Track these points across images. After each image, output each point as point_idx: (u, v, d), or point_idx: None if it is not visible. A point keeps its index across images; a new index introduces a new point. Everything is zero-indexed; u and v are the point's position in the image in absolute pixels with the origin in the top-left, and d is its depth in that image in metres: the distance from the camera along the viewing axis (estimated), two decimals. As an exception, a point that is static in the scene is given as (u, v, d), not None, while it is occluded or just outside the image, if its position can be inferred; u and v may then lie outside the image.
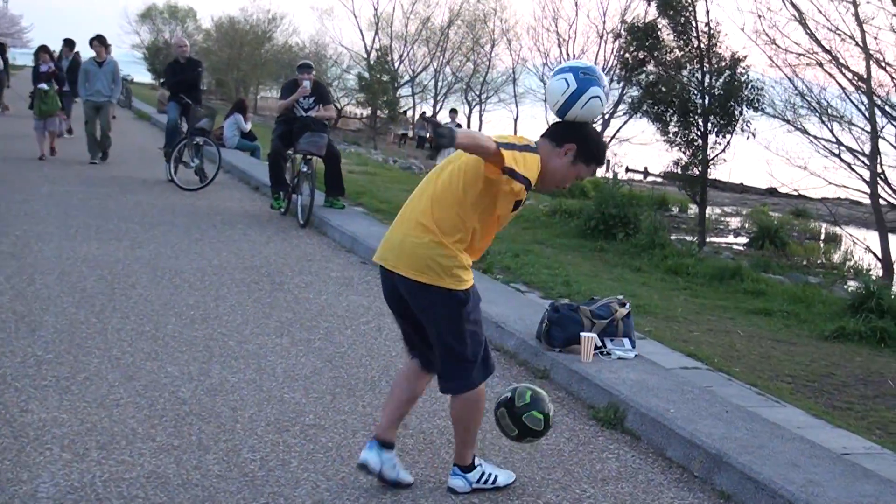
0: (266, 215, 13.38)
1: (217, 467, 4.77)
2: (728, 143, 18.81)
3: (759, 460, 4.83)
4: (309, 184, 12.63)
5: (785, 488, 4.44)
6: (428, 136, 6.62)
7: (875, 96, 18.93)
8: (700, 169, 19.04)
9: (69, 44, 24.25)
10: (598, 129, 23.18)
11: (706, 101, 18.64)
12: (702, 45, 18.78)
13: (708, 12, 19.20)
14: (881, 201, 19.11)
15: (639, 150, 43.85)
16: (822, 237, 27.60)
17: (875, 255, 19.58)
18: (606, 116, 49.31)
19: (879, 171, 18.57)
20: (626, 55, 19.88)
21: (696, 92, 18.83)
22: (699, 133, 18.83)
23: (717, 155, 18.98)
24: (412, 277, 4.37)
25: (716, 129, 18.81)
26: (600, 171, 30.16)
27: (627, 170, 51.22)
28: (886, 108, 18.82)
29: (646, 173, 46.08)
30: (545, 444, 5.40)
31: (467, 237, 4.38)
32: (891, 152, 18.85)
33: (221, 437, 5.17)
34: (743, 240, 24.44)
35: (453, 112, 27.16)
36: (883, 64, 19.01)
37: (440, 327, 4.44)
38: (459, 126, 5.01)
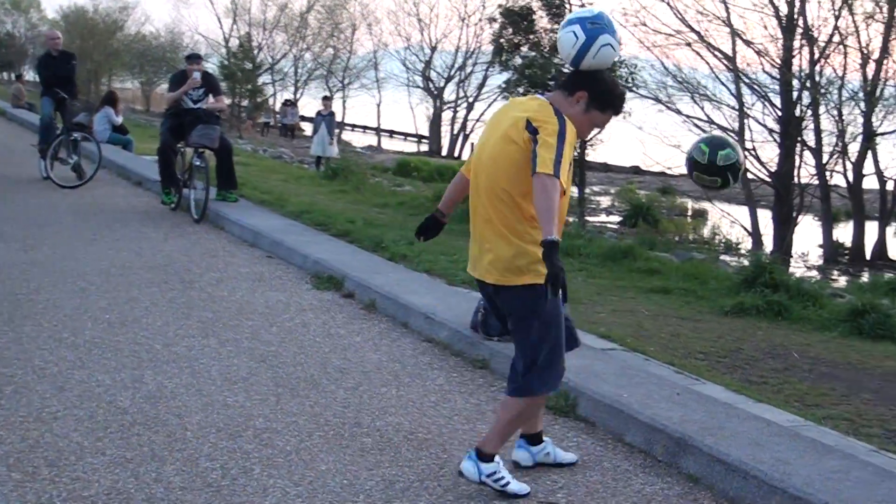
0: (157, 211, 13.03)
1: (178, 479, 4.62)
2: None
3: (723, 441, 4.90)
4: (203, 178, 12.34)
5: (757, 468, 4.51)
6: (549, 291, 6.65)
7: (742, 74, 19.55)
8: (577, 150, 19.31)
9: None
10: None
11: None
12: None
13: (581, -7, 19.50)
14: (750, 176, 19.77)
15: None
16: (690, 213, 28.40)
17: (745, 228, 20.23)
18: (471, 100, 49.87)
19: (750, 147, 19.21)
20: (501, 39, 19.98)
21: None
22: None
23: (594, 136, 19.27)
24: None
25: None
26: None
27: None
28: (754, 86, 19.46)
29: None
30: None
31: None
32: (758, 128, 19.50)
33: (174, 446, 5.01)
34: (616, 218, 24.97)
35: (326, 99, 26.83)
36: (748, 41, 19.65)
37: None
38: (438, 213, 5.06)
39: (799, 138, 19.19)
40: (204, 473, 4.68)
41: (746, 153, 19.08)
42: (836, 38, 19.40)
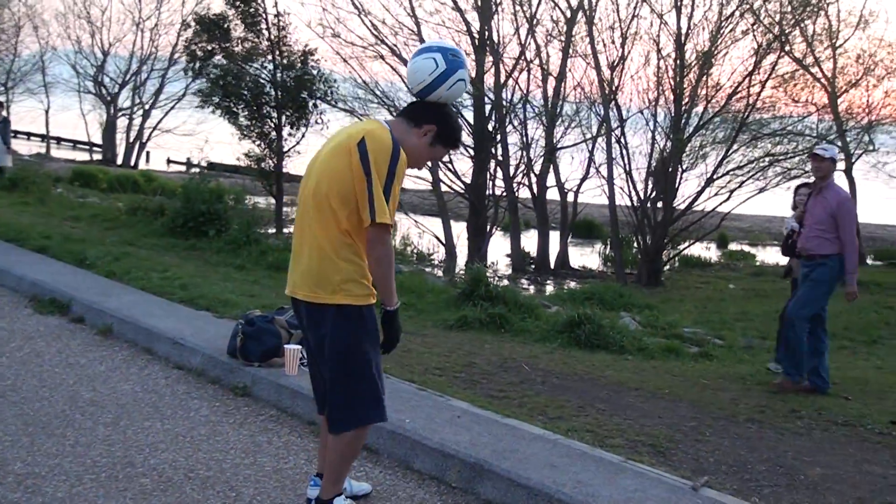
0: None
1: (-58, 538, 4.15)
2: (303, 135, 19.12)
3: (519, 465, 4.93)
4: None
5: (561, 492, 4.58)
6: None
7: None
8: (276, 161, 19.19)
9: None
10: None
11: (279, 94, 18.80)
12: (272, 38, 18.91)
13: (276, 4, 19.38)
14: (444, 188, 20.36)
15: (182, 140, 43.34)
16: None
17: (438, 238, 20.76)
18: (147, 107, 48.33)
19: (448, 160, 19.74)
20: (194, 47, 19.53)
21: (268, 84, 18.94)
22: (273, 125, 18.96)
23: (291, 147, 19.22)
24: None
25: (290, 122, 19.05)
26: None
27: (169, 161, 50.35)
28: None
29: (188, 164, 45.54)
30: (290, 469, 5.21)
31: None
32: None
33: (-74, 500, 4.49)
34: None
35: (-1, 104, 25.07)
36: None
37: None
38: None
39: (492, 152, 19.94)
40: (-29, 530, 4.23)
41: (441, 165, 19.64)
42: (523, 56, 20.32)
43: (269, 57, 18.95)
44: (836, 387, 8.46)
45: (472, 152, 19.95)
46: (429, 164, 4.25)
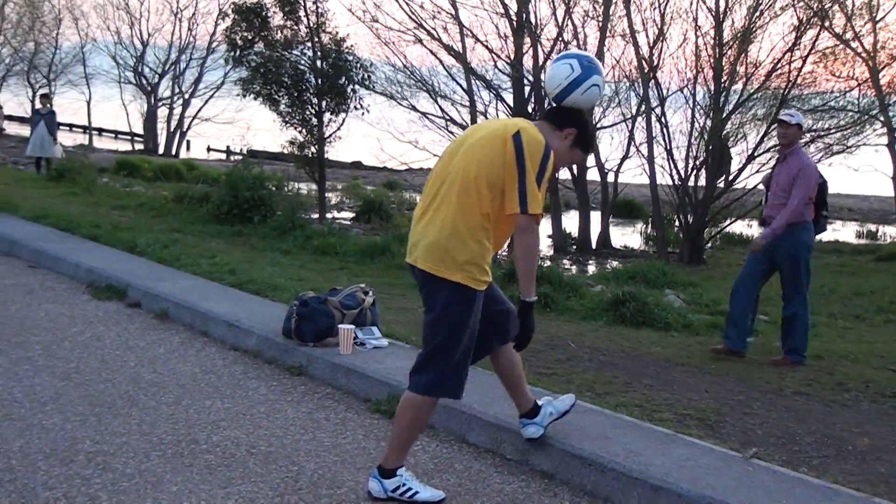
0: None
1: (20, 512, 4.32)
2: (343, 121, 19.23)
3: (573, 436, 5.06)
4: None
5: (613, 461, 4.70)
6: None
7: (473, 71, 20.12)
8: (317, 148, 19.31)
9: None
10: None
11: (318, 81, 18.90)
12: (311, 25, 19.00)
13: (315, -9, 19.45)
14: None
15: (222, 129, 43.66)
16: (420, 207, 28.90)
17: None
18: (186, 96, 48.70)
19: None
20: (234, 35, 19.65)
21: (308, 71, 19.04)
22: (314, 112, 19.07)
23: (332, 133, 19.33)
24: None
25: (330, 109, 19.15)
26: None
27: (209, 149, 50.73)
28: (486, 82, 20.04)
29: (228, 152, 45.82)
30: (348, 445, 5.36)
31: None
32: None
33: (2, 477, 4.67)
34: (347, 214, 25.04)
35: (45, 97, 25.39)
36: (478, 38, 20.26)
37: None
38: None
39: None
40: (47, 504, 4.40)
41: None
42: (561, 37, 20.30)
43: (309, 44, 19.04)
44: (884, 360, 8.49)
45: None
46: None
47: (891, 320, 11.91)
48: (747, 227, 26.36)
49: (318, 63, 18.92)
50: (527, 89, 20.16)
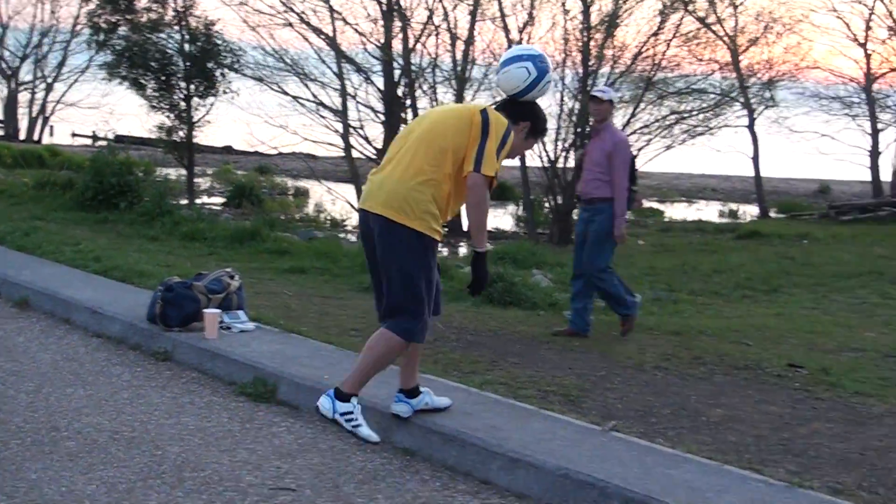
0: None
1: None
2: (212, 105, 19.05)
3: (434, 414, 5.16)
4: None
5: (474, 436, 4.81)
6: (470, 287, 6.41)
7: (343, 55, 20.10)
8: (186, 132, 19.09)
9: None
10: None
11: (187, 65, 18.67)
12: (179, 8, 18.75)
13: (181, -28, 19.14)
14: (355, 154, 20.43)
15: (87, 114, 42.57)
16: (292, 192, 28.74)
17: (351, 204, 20.82)
18: (49, 81, 47.33)
19: (359, 126, 19.80)
20: (97, 19, 19.27)
21: (176, 55, 18.78)
22: (182, 96, 18.84)
23: (201, 118, 19.13)
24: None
25: (199, 93, 18.94)
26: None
27: (74, 135, 49.38)
28: (357, 66, 20.04)
29: (94, 138, 44.69)
30: (213, 428, 5.36)
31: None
32: (363, 108, 20.18)
33: None
34: (219, 200, 24.79)
35: None
36: (351, 23, 20.23)
37: None
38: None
39: (402, 116, 20.03)
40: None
41: (353, 131, 19.71)
42: (431, 20, 20.40)
43: (177, 27, 18.77)
44: (738, 334, 8.79)
45: (382, 118, 20.01)
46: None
47: (747, 296, 12.34)
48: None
49: (187, 46, 18.67)
50: (397, 72, 20.20)
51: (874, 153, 28.37)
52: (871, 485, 4.54)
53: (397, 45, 20.25)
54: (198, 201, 21.90)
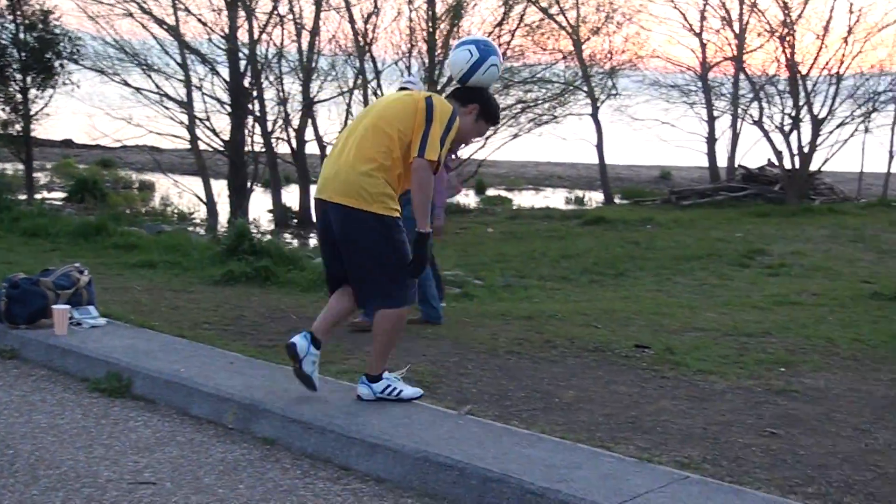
0: None
1: None
2: (51, 97, 18.54)
3: (294, 403, 5.19)
4: None
5: (333, 423, 4.84)
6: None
7: (187, 46, 19.79)
8: (23, 126, 18.56)
9: None
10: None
11: (23, 55, 18.14)
12: (11, -3, 18.20)
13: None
14: (202, 146, 20.15)
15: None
16: (137, 185, 28.18)
17: (199, 197, 20.56)
18: None
19: (205, 117, 19.50)
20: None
21: (10, 45, 18.23)
22: (19, 88, 18.30)
23: (39, 110, 18.62)
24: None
25: (36, 84, 18.42)
26: None
27: None
28: (202, 56, 19.75)
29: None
30: (66, 425, 5.26)
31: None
32: (209, 100, 19.90)
33: None
34: (60, 194, 24.14)
35: None
36: (195, 13, 19.93)
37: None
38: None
39: (250, 107, 19.86)
40: None
41: (199, 122, 19.42)
42: (276, 11, 20.26)
43: (10, 16, 18.18)
44: (587, 317, 9.02)
45: (228, 109, 19.77)
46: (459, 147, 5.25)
47: (595, 280, 12.65)
48: (464, 196, 27.18)
49: (22, 36, 18.12)
50: (242, 63, 20.00)
51: (711, 140, 29.32)
52: (714, 458, 4.75)
53: (243, 36, 20.03)
54: (37, 196, 21.27)
